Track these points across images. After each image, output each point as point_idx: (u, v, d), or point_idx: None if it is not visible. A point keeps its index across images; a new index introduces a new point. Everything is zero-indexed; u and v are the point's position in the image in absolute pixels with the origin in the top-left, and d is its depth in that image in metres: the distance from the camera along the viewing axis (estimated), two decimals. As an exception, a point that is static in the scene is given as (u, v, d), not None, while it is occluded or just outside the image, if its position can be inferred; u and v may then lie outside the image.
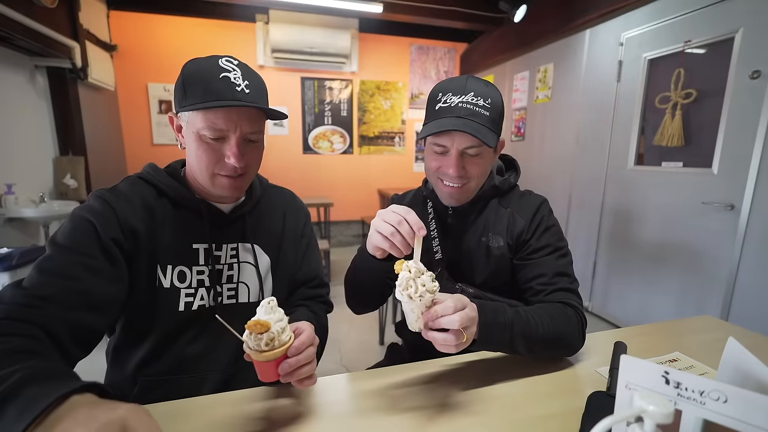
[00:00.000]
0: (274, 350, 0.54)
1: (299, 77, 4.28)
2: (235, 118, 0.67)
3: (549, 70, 3.19)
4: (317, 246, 0.96)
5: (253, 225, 0.82)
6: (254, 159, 0.74)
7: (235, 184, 0.72)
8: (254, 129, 0.70)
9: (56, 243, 0.62)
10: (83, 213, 0.66)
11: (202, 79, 0.66)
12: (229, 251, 0.78)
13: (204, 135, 0.67)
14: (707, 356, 0.78)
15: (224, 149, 0.69)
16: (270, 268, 0.83)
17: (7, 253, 2.02)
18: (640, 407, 0.32)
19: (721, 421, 0.33)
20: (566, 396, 0.66)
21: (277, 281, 0.84)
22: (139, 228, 0.69)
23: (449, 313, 0.57)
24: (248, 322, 0.54)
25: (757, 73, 1.78)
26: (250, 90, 0.68)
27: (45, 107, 2.89)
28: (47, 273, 0.58)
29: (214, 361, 0.76)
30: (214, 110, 0.66)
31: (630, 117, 2.47)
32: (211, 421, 0.59)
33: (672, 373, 0.35)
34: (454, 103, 0.76)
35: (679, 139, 2.14)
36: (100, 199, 0.68)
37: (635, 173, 2.46)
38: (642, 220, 2.43)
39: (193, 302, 0.73)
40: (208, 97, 0.65)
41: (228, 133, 0.68)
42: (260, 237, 0.82)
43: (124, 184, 0.73)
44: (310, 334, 0.60)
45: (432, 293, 0.58)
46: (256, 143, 0.74)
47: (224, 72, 0.66)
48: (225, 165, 0.70)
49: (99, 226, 0.64)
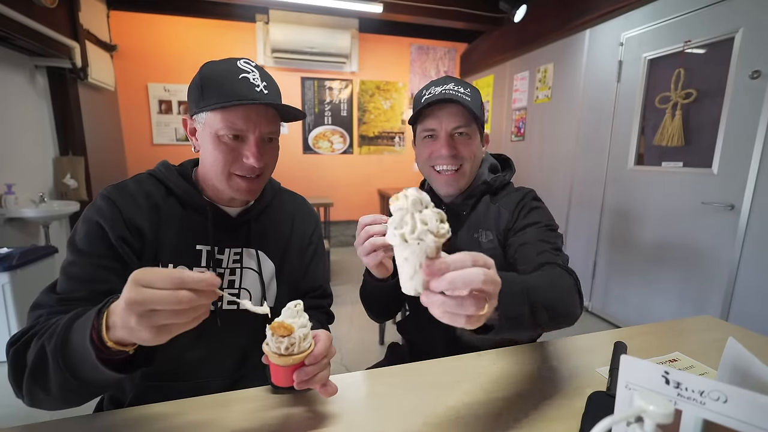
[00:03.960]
0: (293, 356, 0.53)
1: (299, 77, 4.28)
2: (254, 117, 0.68)
3: (549, 70, 3.19)
4: (324, 254, 0.93)
5: (260, 230, 0.80)
6: (271, 159, 0.75)
7: (250, 186, 0.72)
8: (272, 129, 0.71)
9: (76, 247, 0.65)
10: (93, 215, 0.67)
11: (221, 80, 0.66)
12: (232, 256, 0.76)
13: (222, 135, 0.68)
14: (707, 356, 0.78)
15: (243, 149, 0.69)
16: (275, 275, 0.81)
17: (7, 253, 2.02)
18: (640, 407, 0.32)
19: (722, 421, 0.33)
20: (566, 396, 0.66)
21: (282, 288, 0.82)
22: (144, 226, 0.69)
23: (467, 266, 0.40)
24: (272, 323, 0.53)
25: (757, 73, 1.78)
26: (268, 91, 0.69)
27: (45, 107, 2.89)
28: (75, 279, 0.63)
29: (215, 366, 0.75)
30: (234, 110, 0.66)
31: (630, 117, 2.47)
32: (210, 421, 0.59)
33: (672, 373, 0.35)
34: (437, 91, 0.83)
35: (679, 139, 2.14)
36: (106, 199, 0.69)
37: (635, 173, 2.46)
38: (642, 220, 2.43)
39: None
40: (228, 97, 0.65)
41: (247, 133, 0.68)
42: (266, 243, 0.81)
43: (133, 180, 0.74)
44: (327, 344, 0.59)
45: (438, 238, 0.40)
46: (273, 143, 0.74)
47: (243, 73, 0.67)
48: (243, 165, 0.70)
49: (108, 229, 0.66)
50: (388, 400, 0.66)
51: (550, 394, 0.67)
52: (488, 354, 0.80)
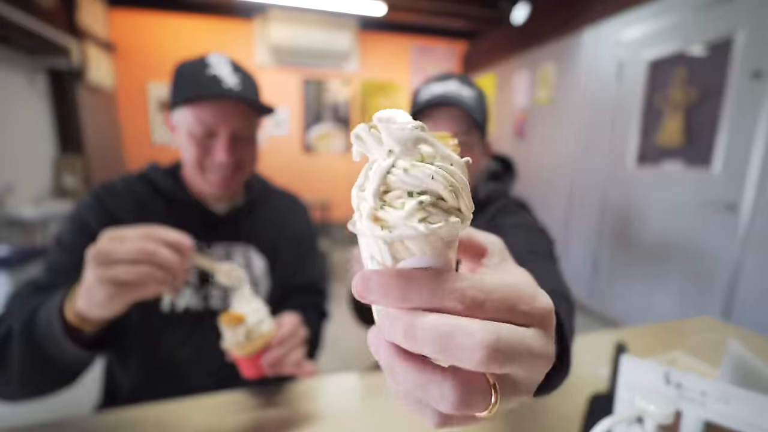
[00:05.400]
0: (253, 342, 0.52)
1: (299, 77, 4.28)
2: (224, 112, 0.67)
3: (549, 70, 3.19)
4: (318, 252, 0.92)
5: (250, 227, 0.80)
6: (246, 155, 0.73)
7: (225, 182, 0.72)
8: (244, 124, 0.70)
9: (60, 241, 0.66)
10: (78, 210, 0.69)
11: (190, 76, 0.67)
12: (221, 252, 0.76)
13: (194, 131, 0.67)
14: (707, 357, 0.78)
15: (214, 145, 0.69)
16: (267, 272, 0.81)
17: (7, 253, 2.02)
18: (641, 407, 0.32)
19: (723, 421, 0.33)
20: (566, 396, 0.66)
21: (275, 286, 0.81)
22: (129, 221, 0.68)
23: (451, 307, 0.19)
24: (221, 316, 0.52)
25: (757, 73, 1.78)
26: (241, 87, 0.68)
27: (44, 107, 2.89)
28: (55, 271, 0.64)
29: (204, 367, 0.74)
30: (202, 105, 0.66)
31: (630, 117, 2.47)
32: (208, 421, 0.59)
33: (673, 374, 0.35)
34: (438, 91, 0.73)
35: (679, 139, 2.14)
36: (92, 195, 0.71)
37: (635, 173, 2.46)
38: (642, 220, 2.43)
39: (178, 302, 0.71)
40: (196, 92, 0.65)
41: (217, 128, 0.68)
42: (257, 239, 0.80)
43: (120, 180, 0.75)
44: (293, 326, 0.60)
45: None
46: (247, 140, 0.73)
47: (212, 68, 0.67)
48: (214, 161, 0.69)
49: (91, 220, 0.68)
50: (388, 400, 0.66)
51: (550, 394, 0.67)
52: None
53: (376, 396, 0.67)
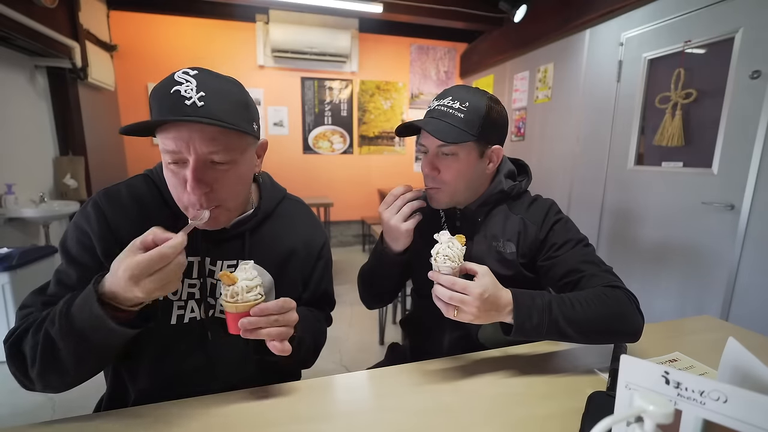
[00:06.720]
0: (237, 304, 0.59)
1: (299, 77, 4.28)
2: (186, 137, 0.56)
3: (549, 70, 3.19)
4: (331, 265, 0.89)
5: (256, 242, 0.76)
6: (224, 186, 0.62)
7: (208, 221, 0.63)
8: (214, 149, 0.58)
9: (69, 254, 0.66)
10: (82, 223, 0.66)
11: (156, 97, 0.58)
12: (226, 267, 0.73)
13: (165, 161, 0.60)
14: (707, 356, 0.78)
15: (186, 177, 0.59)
16: (273, 287, 0.77)
17: (7, 253, 2.02)
18: (640, 407, 0.32)
19: (722, 421, 0.33)
20: (566, 396, 0.66)
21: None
22: (132, 238, 0.62)
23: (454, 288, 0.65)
24: (220, 272, 0.60)
25: (757, 73, 1.78)
26: (206, 102, 0.56)
27: (45, 107, 2.89)
28: (64, 285, 0.64)
29: (212, 377, 0.73)
30: (165, 130, 0.57)
31: (630, 117, 2.47)
32: (209, 420, 0.59)
33: (672, 373, 0.35)
34: (433, 106, 0.83)
35: (679, 139, 2.14)
36: (96, 208, 0.66)
37: (635, 173, 2.46)
38: (642, 219, 2.43)
39: (184, 315, 0.70)
40: (156, 115, 0.57)
41: (185, 156, 0.58)
42: (263, 255, 0.75)
43: (126, 185, 0.71)
44: (280, 303, 0.61)
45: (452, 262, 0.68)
46: (223, 166, 0.61)
47: (176, 85, 0.57)
48: (183, 198, 0.61)
49: (96, 242, 0.65)
50: (389, 400, 0.66)
51: (550, 394, 0.67)
52: (488, 354, 0.81)
53: (376, 396, 0.67)
